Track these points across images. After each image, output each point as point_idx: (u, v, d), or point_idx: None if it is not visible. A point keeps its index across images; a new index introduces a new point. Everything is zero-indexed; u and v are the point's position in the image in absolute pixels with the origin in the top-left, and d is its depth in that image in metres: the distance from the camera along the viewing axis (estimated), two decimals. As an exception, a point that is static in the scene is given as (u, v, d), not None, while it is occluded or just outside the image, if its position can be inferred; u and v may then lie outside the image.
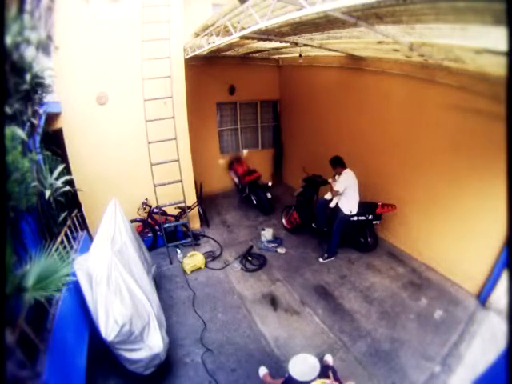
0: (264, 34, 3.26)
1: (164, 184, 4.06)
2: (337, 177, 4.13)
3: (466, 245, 3.57)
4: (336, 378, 1.71)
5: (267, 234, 4.83)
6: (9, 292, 1.33)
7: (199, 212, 5.20)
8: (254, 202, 5.92)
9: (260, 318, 3.32)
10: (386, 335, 3.06)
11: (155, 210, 4.38)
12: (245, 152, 6.50)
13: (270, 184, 5.78)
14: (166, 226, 4.27)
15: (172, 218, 4.72)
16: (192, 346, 2.97)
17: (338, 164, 4.05)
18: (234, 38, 2.78)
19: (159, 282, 3.88)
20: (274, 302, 3.59)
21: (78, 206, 3.82)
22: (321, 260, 4.32)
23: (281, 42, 3.67)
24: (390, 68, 4.02)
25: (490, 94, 2.84)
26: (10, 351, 1.25)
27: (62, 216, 2.52)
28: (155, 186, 3.99)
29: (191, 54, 4.27)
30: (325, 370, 1.81)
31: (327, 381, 1.61)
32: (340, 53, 4.26)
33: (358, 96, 4.78)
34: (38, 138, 2.40)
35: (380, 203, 4.08)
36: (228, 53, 5.43)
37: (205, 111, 6.23)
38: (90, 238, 3.24)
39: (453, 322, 3.18)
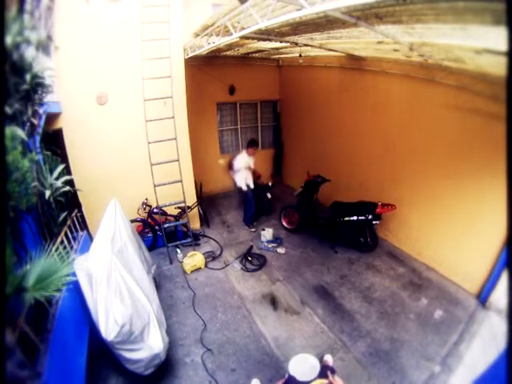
0: (264, 34, 3.26)
1: (164, 184, 4.06)
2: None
3: (466, 245, 3.57)
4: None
5: (267, 233, 4.83)
6: (9, 292, 1.33)
7: (199, 212, 5.20)
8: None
9: (260, 318, 3.32)
10: (386, 335, 3.06)
11: (155, 210, 4.38)
12: (245, 152, 6.48)
13: (270, 184, 5.78)
14: (166, 225, 4.27)
15: (172, 218, 4.72)
16: (192, 346, 2.98)
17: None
18: (233, 38, 2.79)
19: (159, 282, 3.88)
20: (274, 302, 3.59)
21: (78, 206, 3.82)
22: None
23: (281, 41, 3.67)
24: (390, 68, 4.02)
25: (490, 93, 2.85)
26: (10, 351, 1.25)
27: (62, 216, 2.52)
28: (155, 186, 3.99)
29: (191, 54, 4.28)
30: (324, 370, 1.81)
31: (326, 381, 1.61)
32: (340, 53, 4.26)
33: (358, 96, 4.78)
34: (37, 138, 2.40)
35: (380, 203, 4.08)
36: (228, 53, 5.43)
37: (205, 111, 6.23)
38: (90, 238, 3.23)
39: (453, 321, 3.18)
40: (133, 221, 4.23)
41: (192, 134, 4.73)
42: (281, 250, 4.61)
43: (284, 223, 5.25)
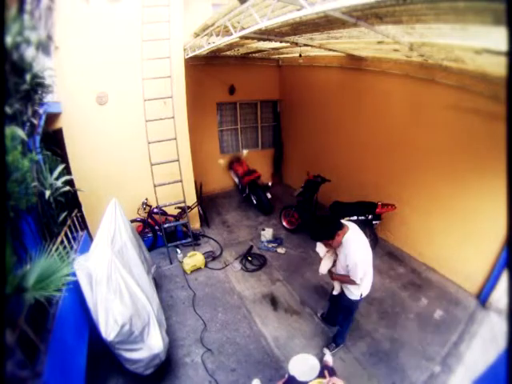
0: (264, 34, 3.26)
1: (164, 184, 4.06)
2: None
3: (466, 245, 3.57)
4: (331, 376, 1.71)
5: (267, 233, 4.83)
6: (9, 292, 1.33)
7: (199, 212, 5.20)
8: (254, 202, 5.93)
9: (260, 318, 3.32)
10: (386, 335, 3.06)
11: (155, 210, 4.38)
12: (245, 152, 6.49)
13: (269, 184, 5.79)
14: (165, 225, 4.27)
15: (172, 218, 4.72)
16: (192, 346, 2.98)
17: (333, 229, 2.27)
18: (233, 37, 2.78)
19: (159, 282, 3.88)
20: (274, 301, 3.59)
21: (78, 206, 3.82)
22: (327, 352, 2.84)
23: (281, 41, 3.67)
24: (390, 68, 4.02)
25: (490, 93, 2.85)
26: (10, 351, 1.25)
27: (62, 216, 2.52)
28: (155, 186, 3.99)
29: (191, 54, 4.28)
30: (323, 371, 1.81)
31: (324, 380, 1.62)
32: (340, 53, 4.26)
33: (358, 96, 4.78)
34: (37, 138, 2.40)
35: (380, 203, 4.08)
36: (228, 53, 5.42)
37: (205, 111, 6.23)
38: (90, 238, 3.24)
39: (453, 322, 3.18)
40: (133, 221, 4.23)
41: (192, 134, 4.73)
42: (281, 250, 4.60)
43: (284, 223, 5.25)
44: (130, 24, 3.86)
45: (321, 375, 1.74)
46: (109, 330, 2.06)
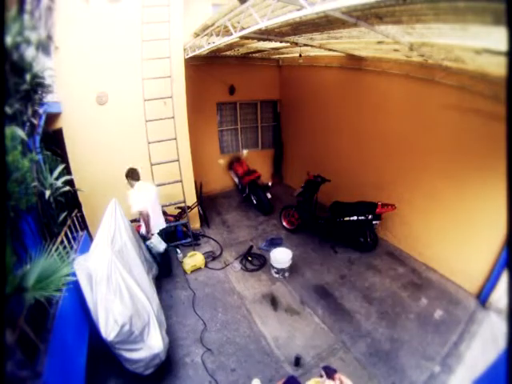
0: (264, 34, 3.26)
1: (164, 184, 4.06)
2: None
3: (466, 245, 3.57)
4: (330, 377, 1.70)
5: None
6: (9, 292, 1.33)
7: (199, 212, 5.20)
8: (254, 202, 5.92)
9: (260, 318, 3.32)
10: (386, 335, 3.06)
11: (155, 210, 4.37)
12: (245, 152, 6.49)
13: (269, 184, 5.79)
14: (165, 226, 4.26)
15: (172, 218, 4.71)
16: (192, 346, 2.97)
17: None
18: (233, 37, 2.79)
19: (159, 282, 3.88)
20: (274, 302, 3.58)
21: (78, 206, 3.82)
22: None
23: (281, 41, 3.67)
24: (390, 68, 4.02)
25: (490, 93, 2.85)
26: (10, 351, 1.25)
27: (62, 216, 2.53)
28: (155, 186, 3.98)
29: (191, 54, 4.28)
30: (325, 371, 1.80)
31: (320, 380, 1.62)
32: (340, 53, 4.26)
33: (358, 96, 4.78)
34: (37, 138, 2.41)
35: (380, 203, 4.08)
36: (228, 53, 5.43)
37: (205, 111, 6.23)
38: (90, 238, 3.24)
39: (453, 321, 3.18)
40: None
41: (192, 134, 4.73)
42: (281, 250, 4.60)
43: (284, 223, 5.25)
44: (129, 24, 3.87)
45: (320, 375, 1.74)
46: (109, 330, 2.06)
